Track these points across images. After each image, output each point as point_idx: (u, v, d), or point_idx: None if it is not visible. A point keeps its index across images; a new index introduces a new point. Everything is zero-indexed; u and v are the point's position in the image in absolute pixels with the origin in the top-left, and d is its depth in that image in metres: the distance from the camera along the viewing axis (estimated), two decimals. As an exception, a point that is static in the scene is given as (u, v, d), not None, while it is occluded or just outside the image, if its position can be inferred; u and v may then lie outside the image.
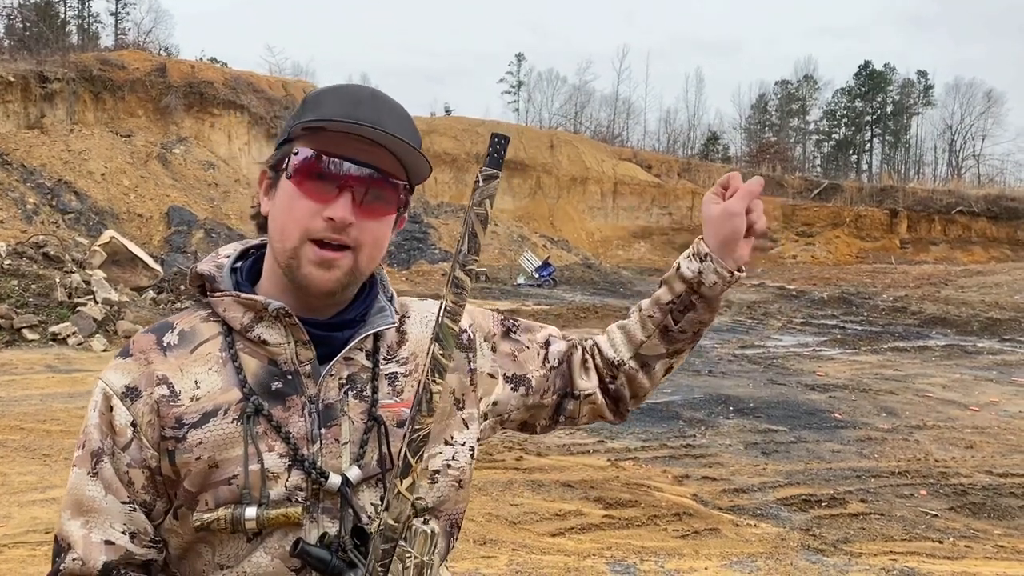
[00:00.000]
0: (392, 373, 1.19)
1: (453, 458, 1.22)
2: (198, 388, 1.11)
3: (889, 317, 19.13)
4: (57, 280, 12.03)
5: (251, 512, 1.06)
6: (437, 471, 1.20)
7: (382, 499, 1.13)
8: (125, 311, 12.34)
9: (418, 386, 1.03)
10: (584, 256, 36.99)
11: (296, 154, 1.10)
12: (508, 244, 33.65)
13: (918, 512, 5.76)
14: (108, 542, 1.08)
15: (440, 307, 1.04)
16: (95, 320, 11.52)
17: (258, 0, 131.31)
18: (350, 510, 1.11)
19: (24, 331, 10.96)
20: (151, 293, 15.23)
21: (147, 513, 1.12)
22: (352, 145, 1.09)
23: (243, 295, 1.13)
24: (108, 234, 17.51)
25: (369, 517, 1.11)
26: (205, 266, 1.19)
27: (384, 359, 1.20)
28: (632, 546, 4.92)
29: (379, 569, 1.01)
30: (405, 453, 1.02)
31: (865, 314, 19.79)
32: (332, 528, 1.09)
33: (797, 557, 4.83)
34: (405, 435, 1.03)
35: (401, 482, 1.01)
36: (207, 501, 1.08)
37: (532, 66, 76.69)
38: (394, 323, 1.21)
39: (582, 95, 68.35)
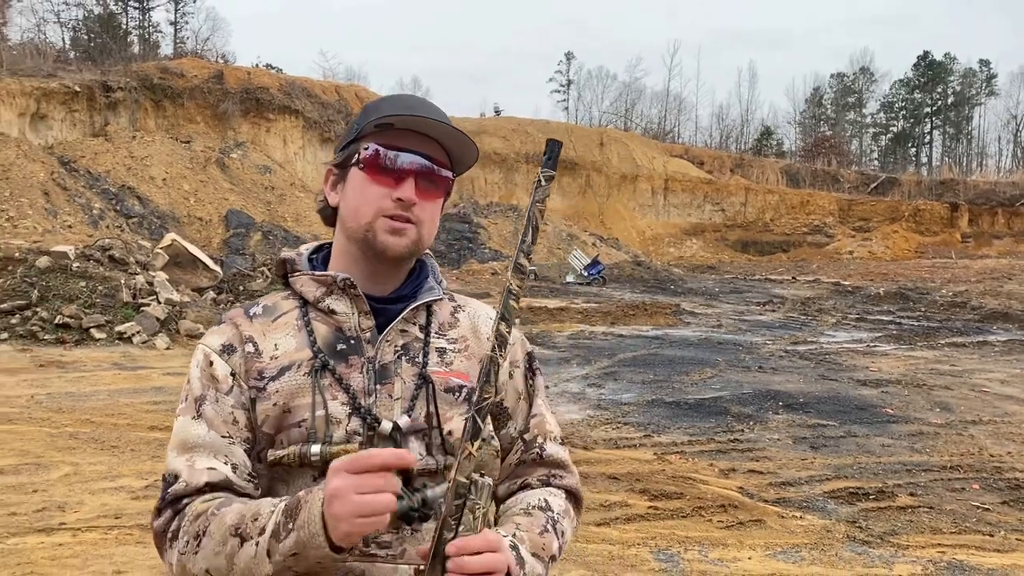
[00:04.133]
0: (442, 347, 1.38)
1: (494, 431, 1.42)
2: (277, 349, 1.33)
3: (947, 312, 18.69)
4: (122, 281, 12.50)
5: (316, 448, 1.25)
6: (483, 439, 1.34)
7: (428, 448, 1.31)
8: (186, 311, 12.78)
9: (485, 359, 1.16)
10: (634, 254, 36.82)
11: (367, 149, 1.32)
12: (557, 243, 33.70)
13: (969, 506, 5.70)
14: (211, 468, 1.26)
15: (505, 288, 1.18)
16: (158, 320, 11.96)
17: (310, 2, 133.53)
18: None
19: (92, 330, 11.43)
20: (211, 293, 15.69)
21: (248, 451, 1.30)
22: (411, 140, 1.32)
23: (317, 273, 1.37)
24: (169, 237, 18.13)
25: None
26: (288, 253, 1.44)
27: (435, 334, 1.39)
28: (676, 536, 4.99)
29: (451, 522, 1.14)
30: (474, 417, 1.15)
31: (922, 309, 19.37)
32: None
33: (842, 548, 4.85)
34: (474, 402, 1.16)
35: (472, 444, 1.15)
36: (281, 441, 1.28)
37: (582, 64, 77.08)
38: (441, 297, 1.42)
39: (632, 92, 68.18)
